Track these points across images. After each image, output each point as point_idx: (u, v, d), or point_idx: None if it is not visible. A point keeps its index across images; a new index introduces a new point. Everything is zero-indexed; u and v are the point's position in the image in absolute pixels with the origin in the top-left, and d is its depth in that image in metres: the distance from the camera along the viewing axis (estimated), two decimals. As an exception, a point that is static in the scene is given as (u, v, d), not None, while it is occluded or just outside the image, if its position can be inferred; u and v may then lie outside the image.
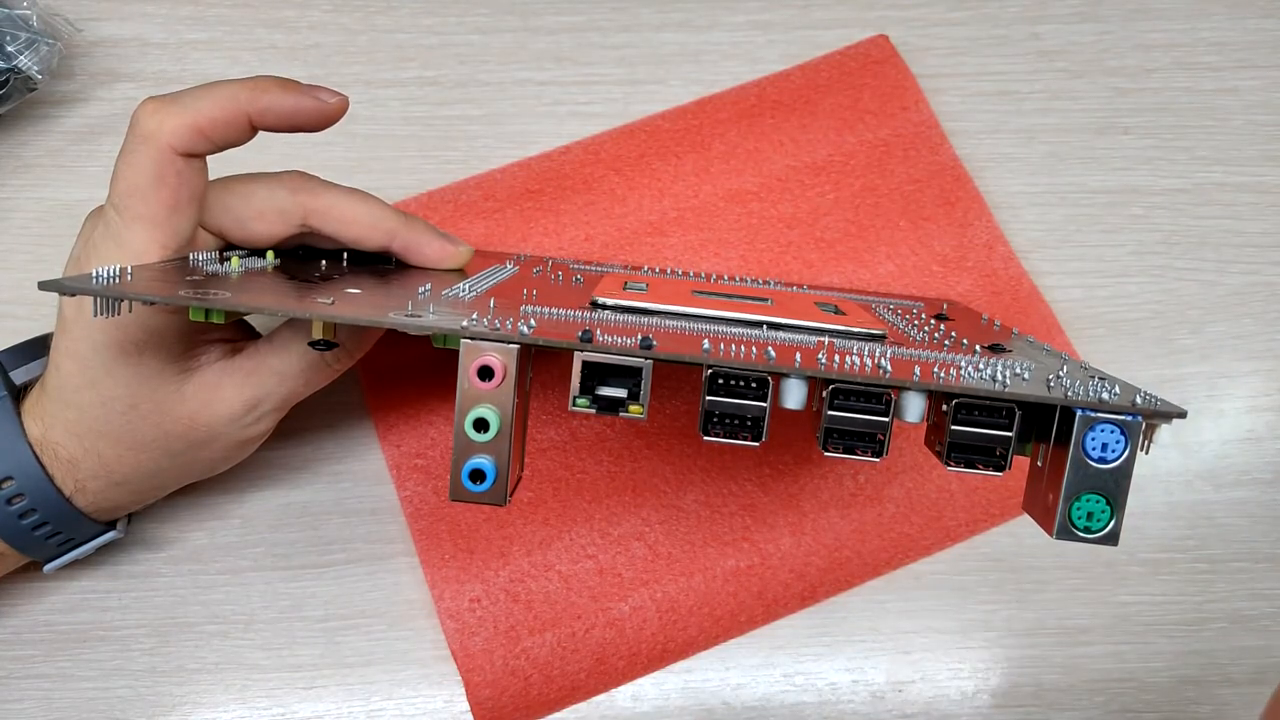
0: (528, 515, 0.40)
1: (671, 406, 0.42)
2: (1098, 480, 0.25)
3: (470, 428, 0.26)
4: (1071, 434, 0.24)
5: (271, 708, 0.39)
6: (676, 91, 0.46)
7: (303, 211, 0.33)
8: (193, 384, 0.33)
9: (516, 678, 0.38)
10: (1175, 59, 0.47)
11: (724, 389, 0.26)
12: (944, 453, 0.26)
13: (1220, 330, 0.44)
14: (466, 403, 0.26)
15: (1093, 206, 0.45)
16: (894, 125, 0.45)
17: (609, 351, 0.26)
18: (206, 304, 0.26)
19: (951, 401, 0.26)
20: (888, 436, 0.26)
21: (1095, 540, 0.25)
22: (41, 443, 0.33)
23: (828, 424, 0.26)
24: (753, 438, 0.26)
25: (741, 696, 0.39)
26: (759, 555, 0.40)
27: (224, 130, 0.31)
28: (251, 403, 0.33)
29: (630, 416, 0.26)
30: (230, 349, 0.34)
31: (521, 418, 0.28)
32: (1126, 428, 0.25)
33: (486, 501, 0.27)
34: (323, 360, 0.33)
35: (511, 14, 0.47)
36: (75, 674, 0.39)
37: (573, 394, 0.26)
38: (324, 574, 0.40)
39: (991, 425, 0.26)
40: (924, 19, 0.47)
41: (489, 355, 0.26)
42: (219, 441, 0.34)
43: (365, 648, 0.39)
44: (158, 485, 0.36)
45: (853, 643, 0.40)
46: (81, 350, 0.31)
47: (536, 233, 0.44)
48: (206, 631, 0.39)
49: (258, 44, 0.47)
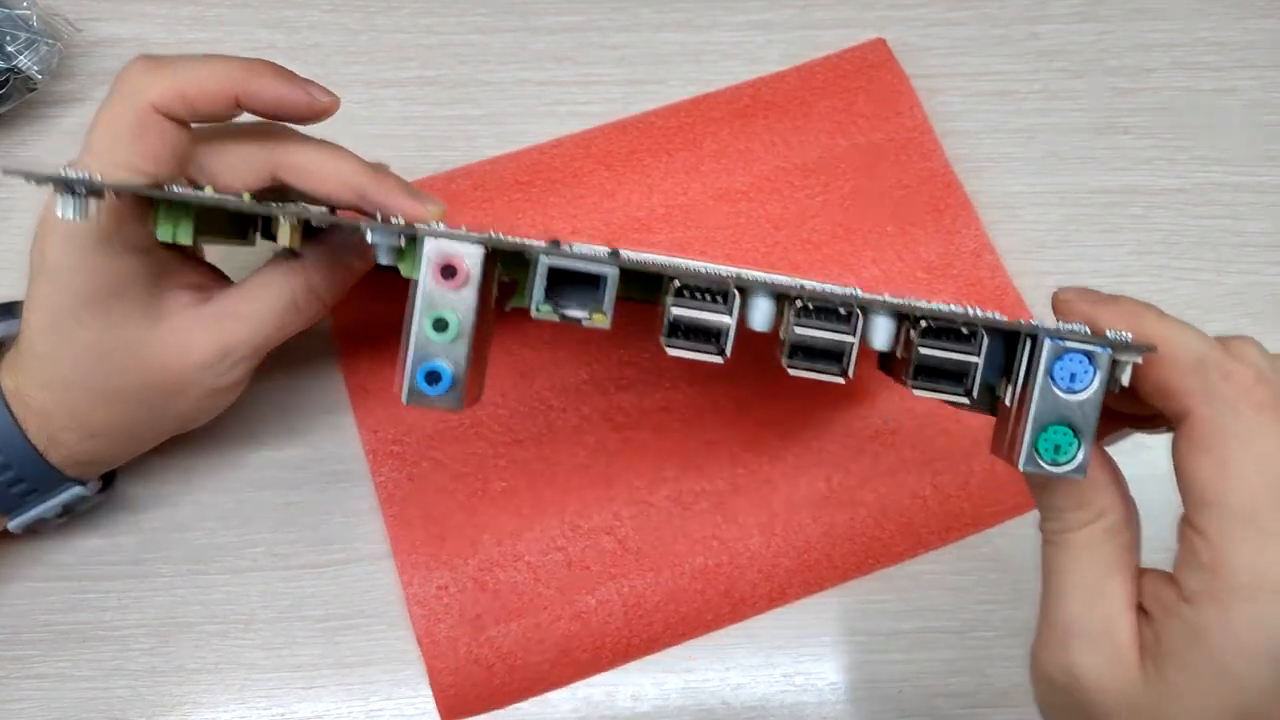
0: (500, 505, 0.40)
1: (650, 401, 0.42)
2: (1065, 410, 0.25)
3: (430, 327, 0.26)
4: (1040, 368, 0.24)
5: (271, 707, 0.39)
6: (676, 91, 0.46)
7: (273, 167, 0.33)
8: (163, 331, 0.33)
9: (480, 666, 0.38)
10: (1175, 59, 0.47)
11: (690, 302, 0.26)
12: (909, 372, 0.26)
13: (1220, 330, 0.43)
14: (427, 302, 0.26)
15: (1093, 206, 0.45)
16: (887, 129, 0.45)
17: (574, 258, 0.26)
18: (178, 197, 0.26)
19: (919, 323, 0.25)
20: (852, 357, 0.26)
21: (1063, 472, 0.25)
22: (14, 394, 0.33)
23: (793, 340, 0.26)
24: (716, 352, 0.26)
25: (741, 696, 0.39)
26: (728, 554, 0.40)
27: (210, 103, 0.31)
28: (223, 349, 0.33)
29: (593, 325, 0.26)
30: (201, 296, 0.34)
31: (484, 330, 0.27)
32: (1095, 358, 0.24)
33: (442, 405, 0.26)
34: (295, 306, 0.33)
35: (511, 14, 0.47)
36: (75, 674, 0.39)
37: (536, 300, 0.26)
38: (324, 574, 0.40)
39: (959, 350, 0.26)
40: (924, 18, 0.47)
41: (453, 254, 0.26)
42: (192, 391, 0.34)
43: (365, 648, 0.39)
44: (133, 438, 0.36)
45: (852, 643, 0.40)
46: (52, 301, 0.31)
47: (524, 224, 0.44)
48: (206, 631, 0.39)
49: (257, 44, 0.47)
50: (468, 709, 0.38)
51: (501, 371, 0.42)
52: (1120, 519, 0.26)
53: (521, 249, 0.26)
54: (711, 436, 0.41)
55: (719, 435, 0.41)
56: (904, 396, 0.41)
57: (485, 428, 0.41)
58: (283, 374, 0.42)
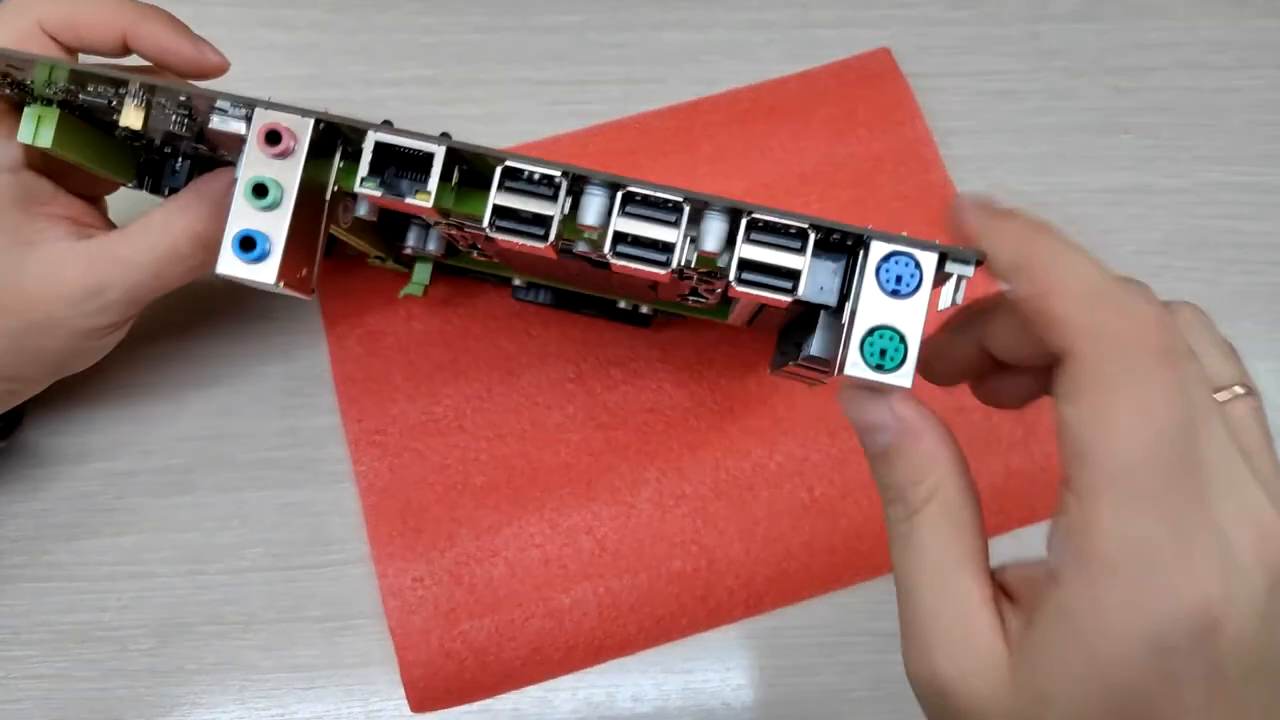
0: (479, 500, 0.40)
1: (635, 402, 0.42)
2: (891, 314, 0.24)
3: (249, 192, 0.26)
4: (867, 270, 0.24)
5: (270, 708, 0.39)
6: (676, 91, 0.46)
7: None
8: (34, 259, 0.32)
9: (451, 660, 0.38)
10: (1176, 58, 0.47)
11: (517, 190, 0.26)
12: (734, 273, 0.25)
13: (1220, 330, 0.44)
14: (249, 168, 0.26)
15: (1093, 206, 0.45)
16: (887, 140, 0.45)
17: (402, 134, 0.26)
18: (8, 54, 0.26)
19: (750, 214, 0.25)
20: (680, 254, 0.25)
21: (889, 379, 0.24)
22: None
23: (616, 227, 0.25)
24: (539, 239, 0.26)
25: (741, 697, 0.39)
26: (706, 559, 0.40)
27: (97, 36, 0.31)
28: (94, 288, 0.32)
29: (417, 204, 0.26)
30: (80, 232, 0.33)
31: (312, 216, 0.27)
32: (920, 262, 0.24)
33: (256, 278, 0.26)
34: (176, 253, 0.32)
35: (510, 13, 0.47)
36: (74, 674, 0.39)
37: (360, 174, 0.26)
38: (323, 574, 0.40)
39: (785, 247, 0.25)
40: (924, 18, 0.47)
41: (279, 122, 0.26)
42: (60, 329, 0.33)
43: (364, 648, 0.39)
44: (1, 373, 0.34)
45: (853, 643, 0.40)
46: None
47: None
48: (205, 632, 0.39)
49: (257, 44, 0.47)
50: (437, 702, 0.38)
51: (487, 367, 0.42)
52: (957, 494, 0.24)
53: (353, 125, 0.26)
54: (695, 440, 0.41)
55: (703, 439, 0.41)
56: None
57: (469, 422, 0.41)
58: (284, 373, 0.42)
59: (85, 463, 0.41)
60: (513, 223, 0.26)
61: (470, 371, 0.42)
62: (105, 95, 0.29)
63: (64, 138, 0.31)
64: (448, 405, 0.41)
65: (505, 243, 0.26)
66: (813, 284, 0.26)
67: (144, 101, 0.28)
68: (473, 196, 0.29)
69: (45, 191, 0.33)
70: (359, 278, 0.43)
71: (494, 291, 0.43)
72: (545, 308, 0.42)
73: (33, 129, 0.30)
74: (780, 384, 0.42)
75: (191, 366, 0.42)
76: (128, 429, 0.41)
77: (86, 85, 0.29)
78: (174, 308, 0.42)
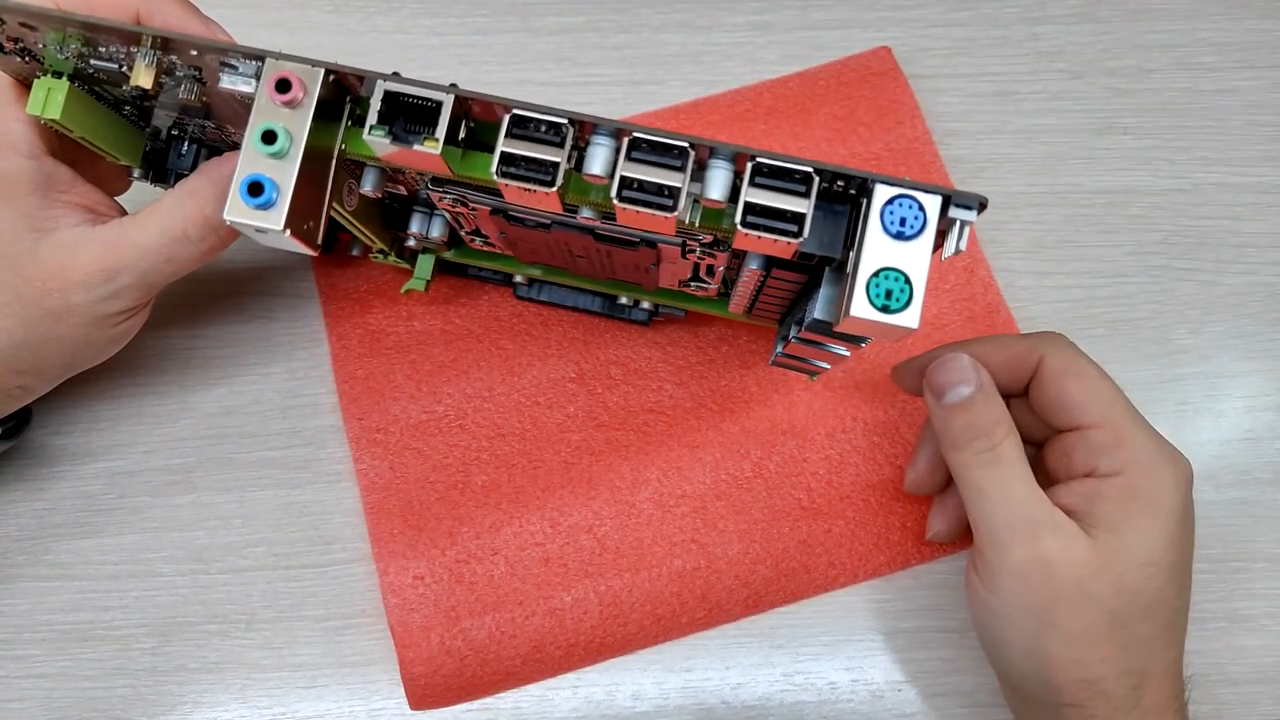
0: (480, 499, 0.40)
1: (636, 402, 0.42)
2: (896, 256, 0.25)
3: (258, 139, 0.26)
4: (871, 213, 0.25)
5: (272, 707, 0.39)
6: (676, 92, 0.46)
7: None
8: (49, 244, 0.32)
9: (452, 658, 0.38)
10: (1174, 59, 0.47)
11: (524, 137, 0.26)
12: (740, 215, 0.26)
13: (1219, 330, 0.44)
14: (259, 115, 0.26)
15: (1092, 206, 0.45)
16: (887, 139, 0.45)
17: (411, 83, 0.26)
18: None
19: (754, 159, 0.25)
20: (681, 198, 0.26)
21: (894, 320, 0.24)
22: None
23: (623, 172, 0.26)
24: (546, 184, 0.26)
25: (741, 696, 0.39)
26: (706, 558, 0.40)
27: (112, 14, 0.31)
28: (108, 272, 0.32)
29: (424, 150, 0.26)
30: (95, 218, 0.33)
31: (321, 168, 0.27)
32: (924, 205, 0.25)
33: (263, 225, 0.26)
34: (186, 236, 0.32)
35: (512, 15, 0.47)
36: (76, 673, 0.39)
37: (370, 123, 0.26)
38: (325, 573, 0.40)
39: (790, 191, 0.25)
40: (924, 19, 0.48)
41: (290, 70, 0.26)
42: (74, 315, 0.33)
43: (366, 647, 0.39)
44: (15, 366, 0.34)
45: (852, 642, 0.40)
46: None
47: None
48: (207, 631, 0.39)
49: (257, 44, 0.47)
50: (437, 700, 0.39)
51: (488, 367, 0.42)
52: (1016, 431, 0.33)
53: (362, 74, 0.26)
54: (696, 440, 0.41)
55: (703, 439, 0.41)
56: (886, 410, 0.42)
57: (470, 421, 0.41)
58: (285, 373, 0.42)
59: (88, 462, 0.41)
60: (520, 168, 0.26)
61: (471, 371, 0.42)
62: (116, 58, 0.29)
63: (72, 111, 0.31)
64: (449, 404, 0.41)
65: (513, 192, 0.26)
66: (816, 236, 0.26)
67: (154, 61, 0.28)
68: (478, 159, 0.29)
69: (64, 179, 0.33)
70: (361, 278, 0.43)
71: (495, 291, 0.43)
72: (546, 307, 0.42)
73: (41, 100, 0.30)
74: (781, 385, 0.42)
75: (193, 366, 0.42)
76: (130, 429, 0.41)
77: (98, 47, 0.29)
78: (176, 308, 0.42)
